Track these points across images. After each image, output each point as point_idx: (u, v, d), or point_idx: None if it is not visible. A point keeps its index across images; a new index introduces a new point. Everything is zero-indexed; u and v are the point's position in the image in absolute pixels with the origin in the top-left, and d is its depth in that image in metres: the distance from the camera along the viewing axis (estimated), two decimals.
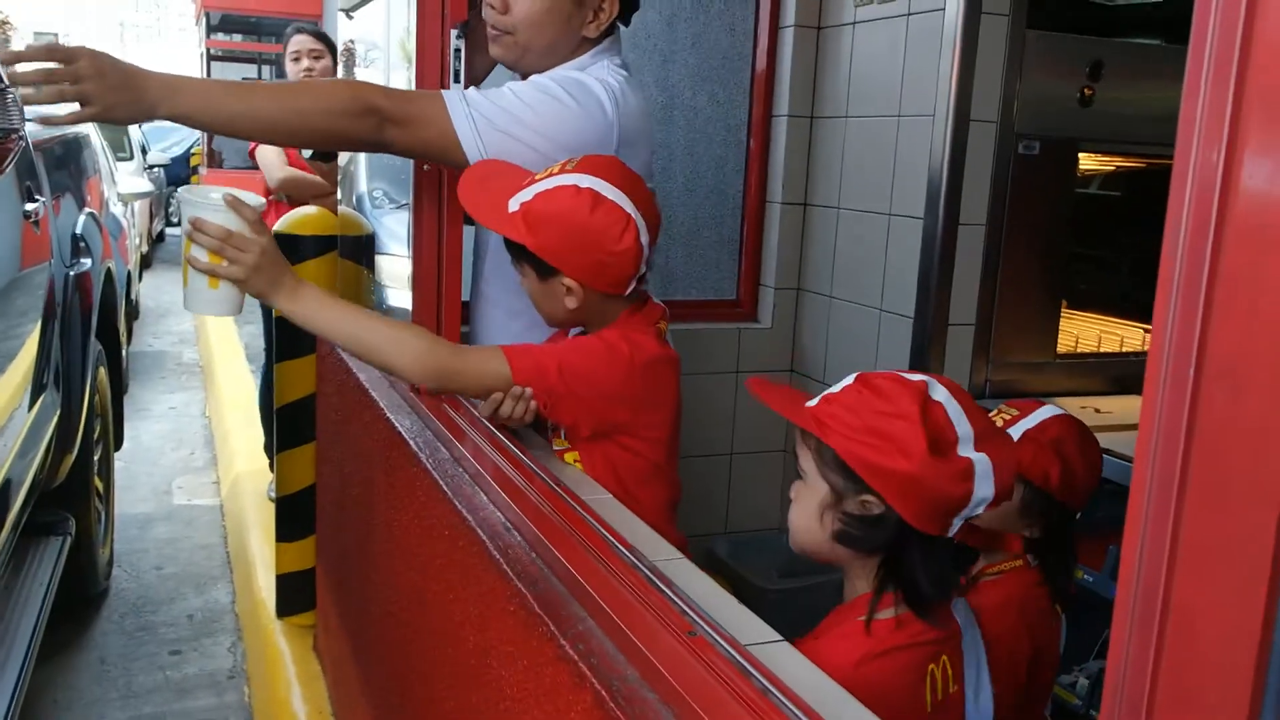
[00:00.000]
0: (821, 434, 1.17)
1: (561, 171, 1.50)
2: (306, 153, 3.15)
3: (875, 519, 1.17)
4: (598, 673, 0.98)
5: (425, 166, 1.77)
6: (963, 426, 1.16)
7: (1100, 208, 2.53)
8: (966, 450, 1.15)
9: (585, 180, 1.48)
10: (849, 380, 1.21)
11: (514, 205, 1.50)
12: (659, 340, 1.55)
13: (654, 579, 1.09)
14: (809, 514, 1.22)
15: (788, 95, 2.70)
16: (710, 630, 0.99)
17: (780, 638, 1.04)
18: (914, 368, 2.34)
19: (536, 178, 1.51)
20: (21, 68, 1.34)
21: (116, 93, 1.38)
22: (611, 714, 0.93)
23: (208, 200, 1.36)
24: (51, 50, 1.34)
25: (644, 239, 1.50)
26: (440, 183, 1.81)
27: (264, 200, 1.40)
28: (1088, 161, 2.42)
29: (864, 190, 2.54)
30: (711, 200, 2.87)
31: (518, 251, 1.54)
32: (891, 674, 1.16)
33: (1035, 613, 1.59)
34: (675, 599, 1.04)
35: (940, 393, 1.17)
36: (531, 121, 1.62)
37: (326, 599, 2.51)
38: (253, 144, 3.40)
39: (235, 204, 1.37)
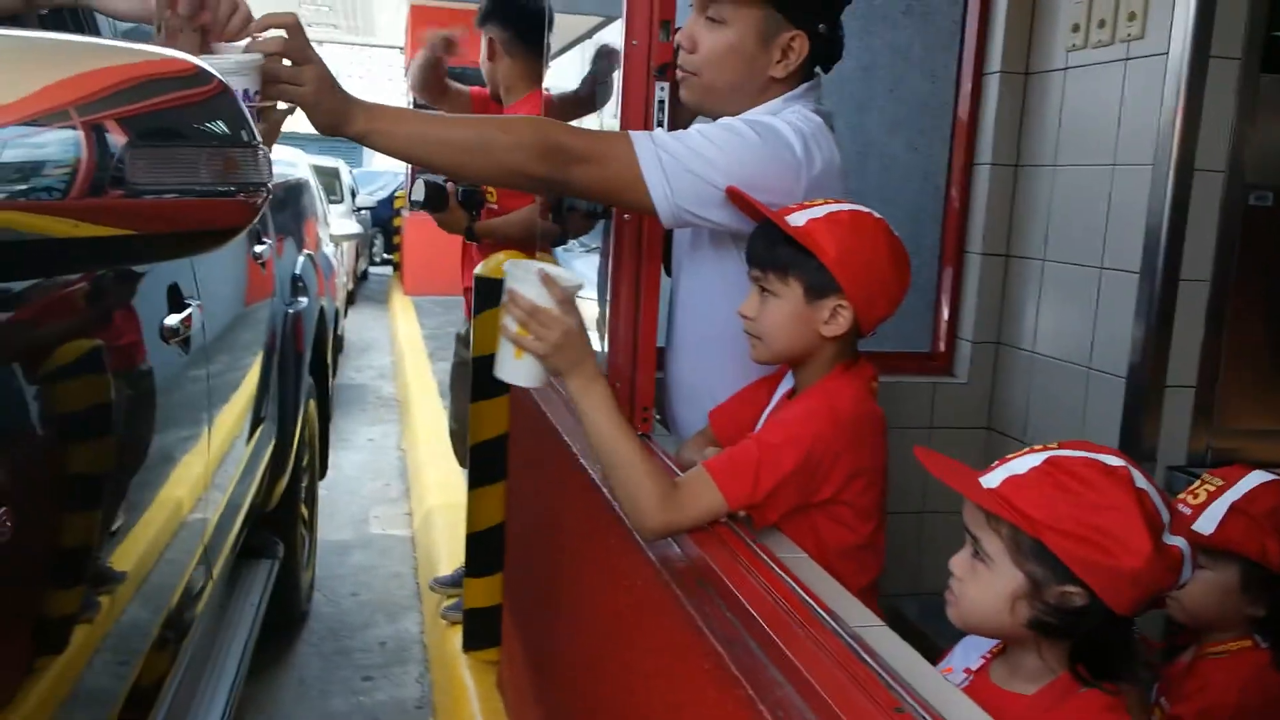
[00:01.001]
0: (1029, 527, 1.11)
1: (839, 203, 1.50)
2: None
3: (1079, 610, 1.11)
4: None
5: (626, 216, 1.80)
6: (1163, 511, 1.13)
7: None
8: (1170, 538, 1.12)
9: (876, 216, 1.49)
10: (1032, 459, 1.15)
11: (798, 220, 1.47)
12: (868, 397, 1.52)
13: (855, 647, 1.05)
14: (995, 600, 1.15)
15: (991, 142, 2.61)
16: (918, 708, 0.94)
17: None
18: (1127, 431, 2.21)
19: (810, 204, 1.51)
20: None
21: (328, 97, 1.43)
22: None
23: (524, 273, 1.38)
24: (288, 46, 1.38)
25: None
26: (640, 227, 1.84)
27: (581, 283, 1.42)
28: None
29: (1073, 242, 2.43)
30: (908, 249, 2.80)
31: (790, 265, 1.47)
32: None
33: (1262, 697, 1.47)
34: (879, 670, 1.00)
35: (1139, 478, 1.12)
36: (718, 160, 1.59)
37: (512, 636, 2.56)
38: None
39: (547, 280, 1.36)
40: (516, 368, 1.43)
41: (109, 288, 1.50)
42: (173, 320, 1.66)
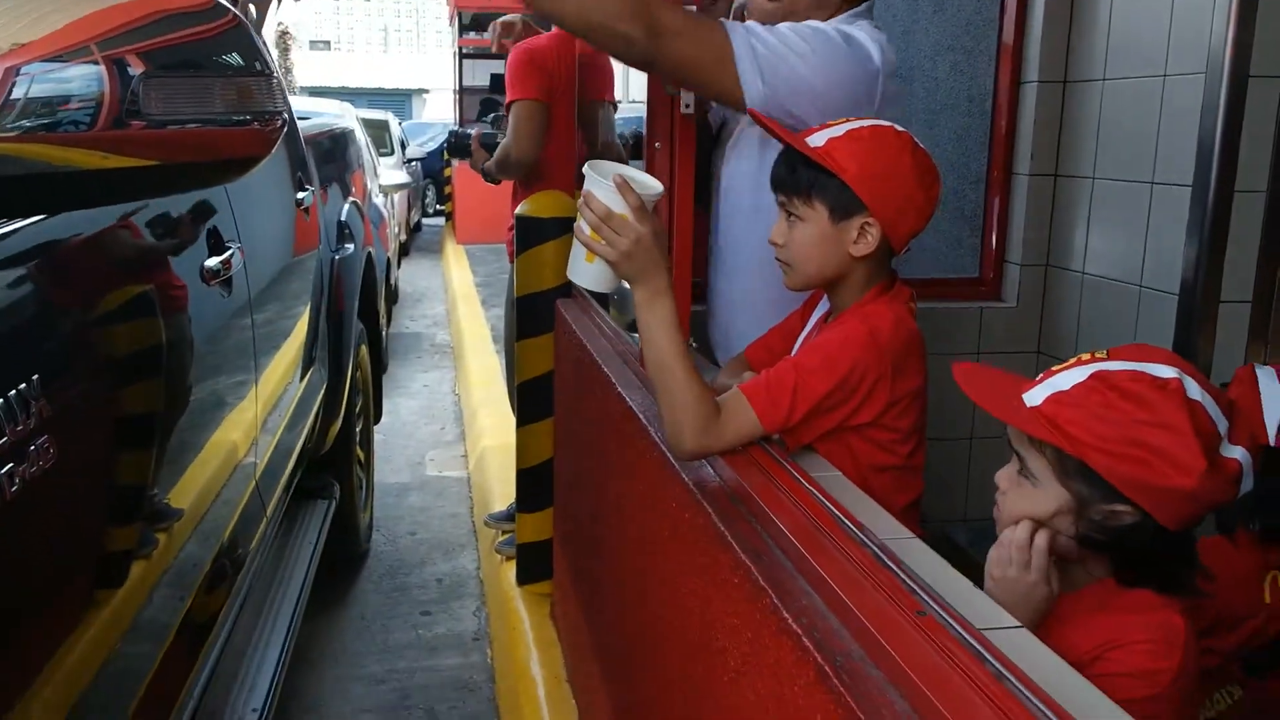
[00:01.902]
0: (1072, 448, 1.08)
1: (860, 120, 1.48)
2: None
3: (1129, 528, 1.09)
4: (821, 648, 0.95)
5: (657, 145, 1.79)
6: (1221, 422, 1.07)
7: None
8: (1229, 450, 1.07)
9: (899, 130, 1.46)
10: (1078, 374, 1.11)
11: (818, 141, 1.45)
12: (907, 319, 1.49)
13: (882, 556, 1.05)
14: (1038, 517, 1.13)
15: (1038, 59, 2.54)
16: (941, 611, 0.94)
17: (1018, 623, 0.98)
18: (1179, 350, 2.16)
19: (833, 123, 1.48)
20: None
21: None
22: (834, 690, 0.91)
23: (601, 177, 1.36)
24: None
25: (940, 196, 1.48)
26: (671, 161, 1.83)
27: (661, 189, 1.40)
28: None
29: (1123, 158, 2.36)
30: (953, 174, 2.74)
31: (812, 187, 1.46)
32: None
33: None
34: (904, 577, 1.00)
35: (1194, 389, 1.06)
36: (810, 57, 1.61)
37: (562, 568, 2.60)
38: None
39: (622, 187, 1.33)
40: (586, 271, 1.42)
41: (148, 229, 1.53)
42: (213, 262, 1.69)
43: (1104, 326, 2.43)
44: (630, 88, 11.41)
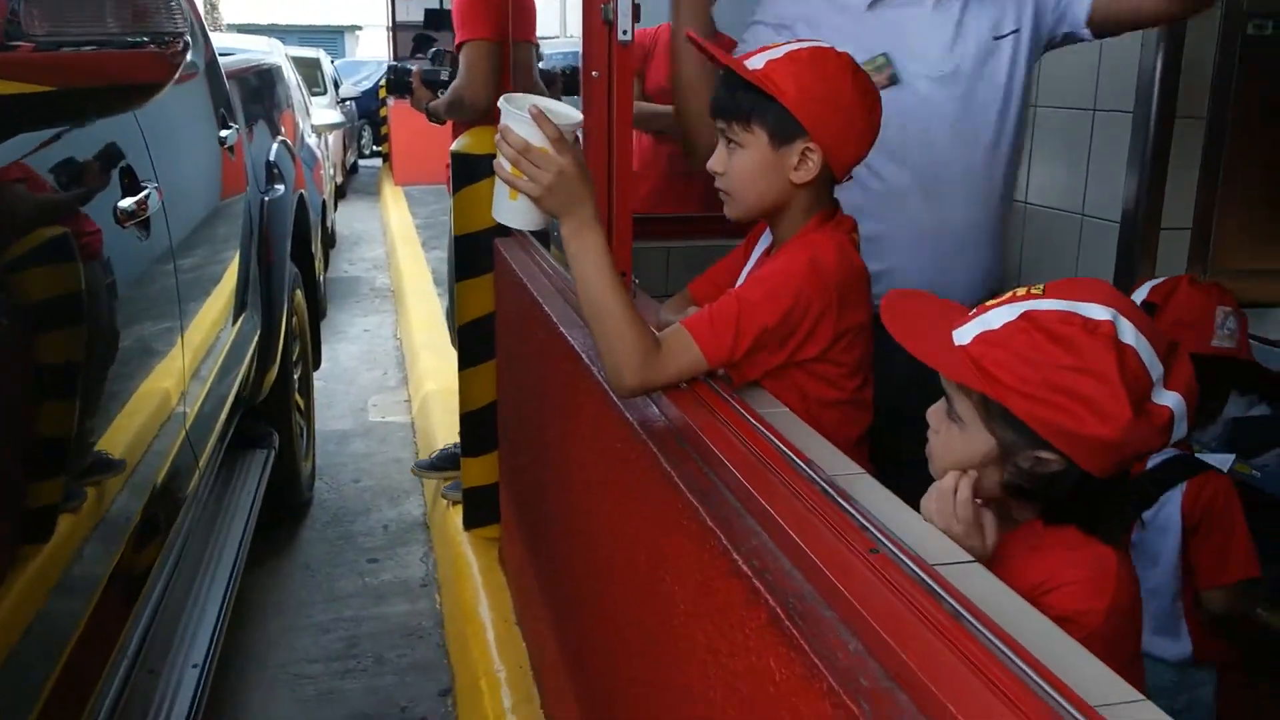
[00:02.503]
0: (994, 392, 1.04)
1: (801, 42, 1.42)
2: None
3: (1053, 475, 1.05)
4: (773, 589, 0.93)
5: (595, 73, 1.72)
6: (1155, 367, 1.03)
7: None
8: (1162, 396, 1.03)
9: (839, 51, 1.41)
10: (1008, 311, 1.06)
11: (757, 64, 1.40)
12: (850, 250, 1.45)
13: (831, 493, 1.02)
14: (965, 461, 1.10)
15: None
16: (893, 548, 0.92)
17: (970, 559, 0.97)
18: (1120, 277, 2.16)
19: (771, 46, 1.43)
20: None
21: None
22: (787, 632, 0.88)
23: (517, 108, 1.30)
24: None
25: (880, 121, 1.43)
26: (609, 91, 1.76)
27: (580, 119, 1.33)
28: None
29: (1062, 85, 2.34)
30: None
31: (751, 111, 1.41)
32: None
33: None
34: (855, 514, 0.98)
35: (1128, 331, 1.02)
36: None
37: (509, 512, 2.57)
38: None
39: (539, 118, 1.28)
40: (510, 209, 1.36)
41: (52, 167, 1.44)
42: (127, 203, 1.60)
43: (1045, 256, 2.43)
44: (569, 24, 11.19)
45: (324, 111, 7.07)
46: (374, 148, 13.71)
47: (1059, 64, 2.34)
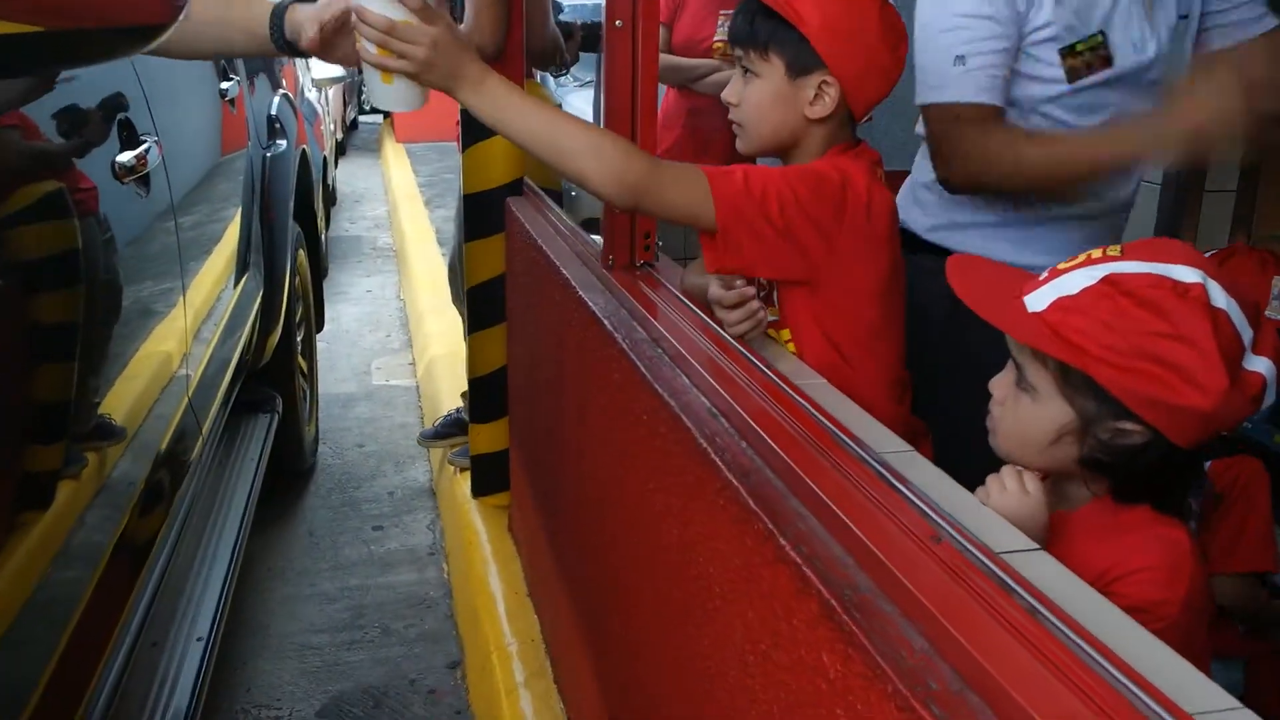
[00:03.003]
0: (1078, 361, 0.97)
1: None
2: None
3: (1138, 447, 0.98)
4: (825, 579, 0.86)
5: (618, 21, 1.63)
6: (1246, 332, 0.96)
7: None
8: (1253, 363, 0.96)
9: None
10: (1086, 275, 0.99)
11: None
12: (876, 179, 1.36)
13: (886, 474, 0.95)
14: (1039, 434, 1.03)
15: None
16: (957, 535, 0.85)
17: (1038, 546, 0.90)
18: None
19: None
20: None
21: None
22: (844, 626, 0.81)
23: None
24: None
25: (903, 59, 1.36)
26: (634, 42, 1.67)
27: None
28: None
29: None
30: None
31: (770, 39, 1.34)
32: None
33: None
34: (913, 498, 0.91)
35: (1219, 295, 0.94)
36: None
37: (520, 480, 2.51)
38: None
39: None
40: (389, 94, 1.28)
41: (49, 119, 1.36)
42: (126, 157, 1.52)
43: None
44: None
45: (325, 65, 6.92)
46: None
47: None
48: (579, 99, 5.58)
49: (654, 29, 1.67)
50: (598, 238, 1.84)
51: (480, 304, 2.70)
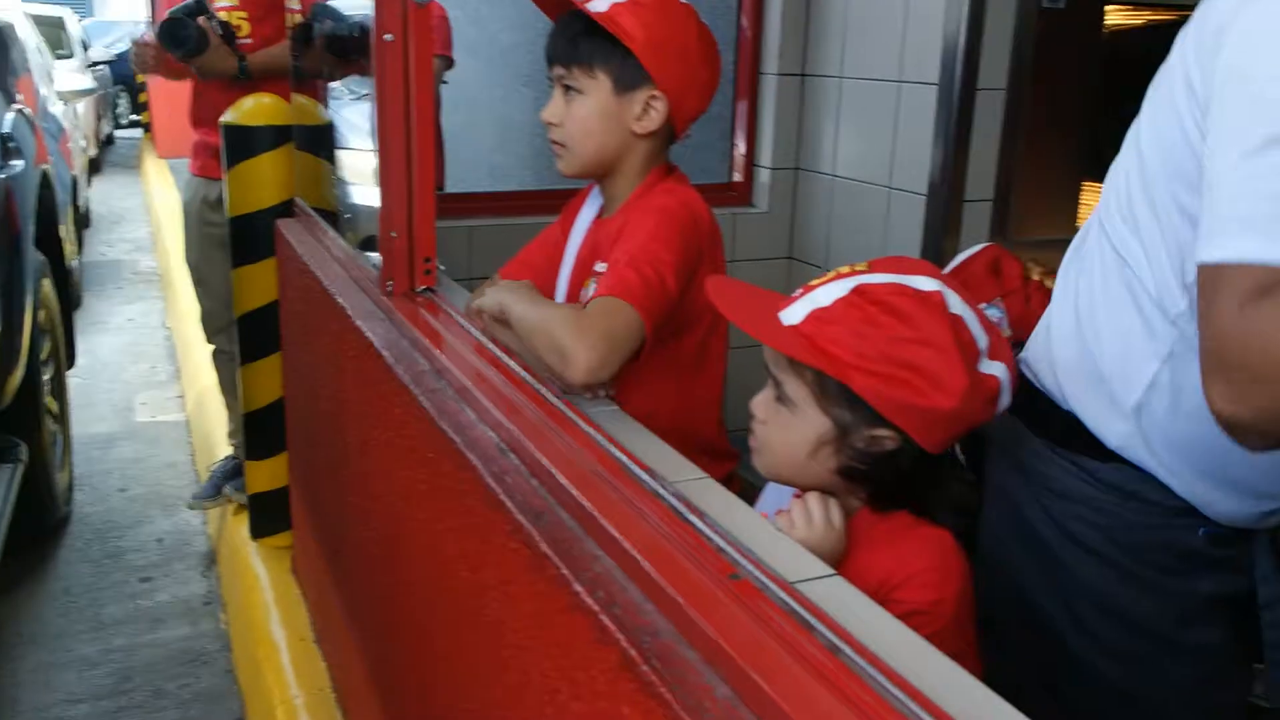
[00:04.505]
0: (833, 369, 0.99)
1: None
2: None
3: (890, 454, 1.02)
4: (623, 626, 0.81)
5: (388, 35, 1.54)
6: (981, 337, 1.02)
7: (1128, 68, 2.33)
8: (988, 366, 1.02)
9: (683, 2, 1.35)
10: (838, 288, 1.02)
11: (600, 5, 1.31)
12: (701, 199, 1.39)
13: (681, 509, 0.92)
14: (798, 446, 1.05)
15: None
16: (754, 569, 0.82)
17: (832, 572, 0.88)
18: (927, 249, 2.17)
19: None
20: None
21: None
22: (644, 677, 0.77)
23: None
24: None
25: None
26: (405, 57, 1.59)
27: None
28: (1115, 15, 2.20)
29: (869, 57, 2.32)
30: None
31: (594, 56, 1.32)
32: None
33: None
34: (709, 533, 0.88)
35: (956, 303, 1.00)
36: None
37: (302, 519, 2.35)
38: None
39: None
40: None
41: None
42: None
43: (854, 229, 2.42)
44: None
45: (71, 76, 6.38)
46: (132, 117, 12.64)
47: (864, 36, 2.33)
48: (353, 112, 5.38)
49: (427, 43, 1.59)
50: (378, 256, 1.74)
51: (252, 333, 2.53)
